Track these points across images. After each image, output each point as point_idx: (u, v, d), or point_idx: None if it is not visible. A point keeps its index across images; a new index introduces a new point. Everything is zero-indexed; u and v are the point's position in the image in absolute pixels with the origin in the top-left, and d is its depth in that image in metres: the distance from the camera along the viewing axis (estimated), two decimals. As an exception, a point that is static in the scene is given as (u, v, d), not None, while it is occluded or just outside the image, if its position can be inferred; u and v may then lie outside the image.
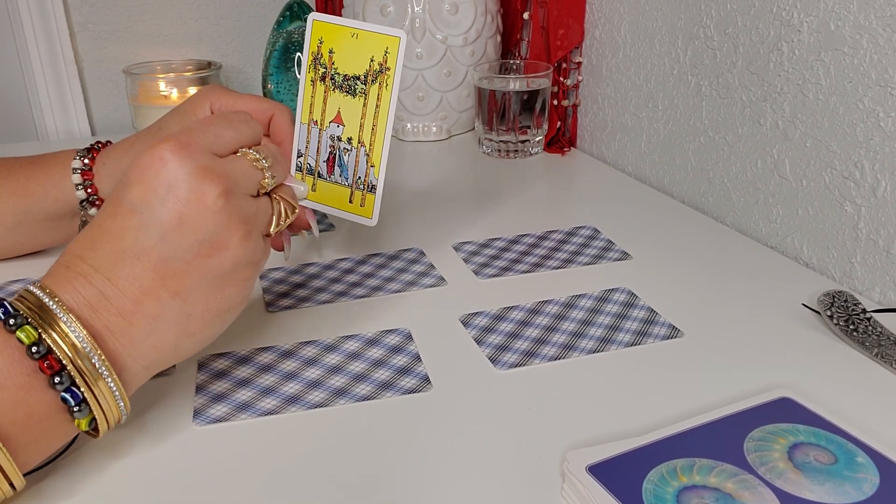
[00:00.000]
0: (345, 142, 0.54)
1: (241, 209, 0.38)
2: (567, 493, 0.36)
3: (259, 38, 1.08)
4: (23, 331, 0.34)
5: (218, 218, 0.37)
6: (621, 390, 0.44)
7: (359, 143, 0.54)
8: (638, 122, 0.79)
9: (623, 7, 0.78)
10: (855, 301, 0.50)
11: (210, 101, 0.55)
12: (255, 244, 0.39)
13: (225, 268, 0.38)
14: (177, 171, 0.37)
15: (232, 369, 0.46)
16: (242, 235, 0.38)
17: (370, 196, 0.54)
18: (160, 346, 0.38)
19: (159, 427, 0.42)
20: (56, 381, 0.34)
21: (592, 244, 0.63)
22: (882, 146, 0.52)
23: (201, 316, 0.38)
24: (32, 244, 0.60)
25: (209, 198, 0.37)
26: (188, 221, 0.37)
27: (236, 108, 0.55)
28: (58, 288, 0.36)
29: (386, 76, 0.52)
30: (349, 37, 0.53)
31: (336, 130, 0.54)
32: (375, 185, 0.54)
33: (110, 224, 0.37)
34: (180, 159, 0.37)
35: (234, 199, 0.38)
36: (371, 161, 0.54)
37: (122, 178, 0.38)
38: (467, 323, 0.51)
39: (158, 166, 0.37)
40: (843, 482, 0.34)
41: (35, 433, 0.34)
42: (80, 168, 0.56)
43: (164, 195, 0.36)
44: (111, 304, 0.36)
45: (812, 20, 0.56)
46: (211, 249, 0.37)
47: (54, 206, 0.56)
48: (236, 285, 0.39)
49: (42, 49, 0.96)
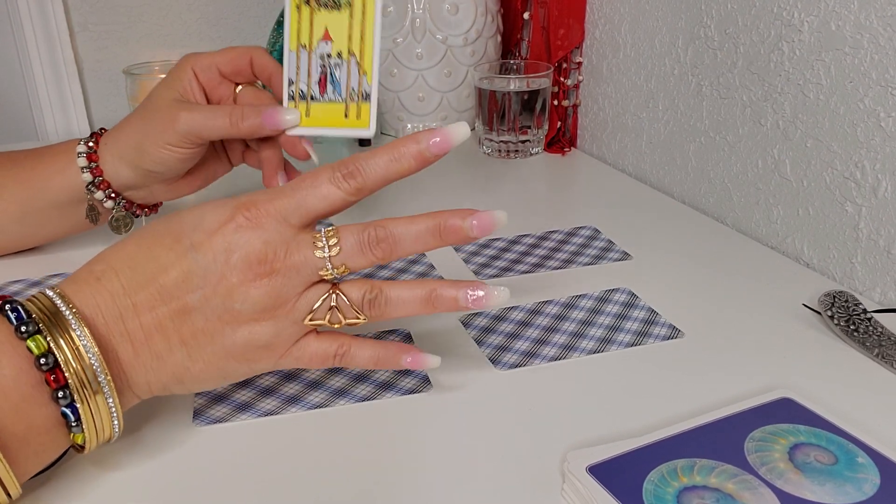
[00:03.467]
0: (335, 57, 0.54)
1: (284, 294, 0.37)
2: (567, 493, 0.36)
3: (259, 39, 1.08)
4: (34, 340, 0.34)
5: (255, 294, 0.37)
6: (621, 391, 0.44)
7: (349, 54, 0.54)
8: (638, 123, 0.79)
9: (623, 7, 0.78)
10: (856, 301, 0.50)
11: (190, 63, 0.56)
12: (278, 331, 0.38)
13: (237, 341, 0.38)
14: (246, 243, 0.37)
15: (232, 370, 0.46)
16: (269, 317, 0.38)
17: (365, 105, 0.55)
18: (153, 383, 0.38)
19: (159, 428, 0.42)
20: (59, 395, 0.34)
21: (593, 244, 0.63)
22: (883, 146, 0.52)
23: (198, 374, 0.38)
24: (38, 236, 0.60)
25: (252, 274, 0.37)
26: (226, 285, 0.37)
27: (215, 63, 0.57)
28: (78, 297, 0.36)
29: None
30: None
31: (325, 48, 0.55)
32: (370, 92, 0.54)
33: (160, 254, 0.37)
34: (254, 233, 0.37)
35: (282, 288, 0.37)
36: (363, 69, 0.54)
37: (194, 215, 0.38)
38: (467, 323, 0.51)
39: (233, 228, 0.37)
40: (843, 482, 0.34)
41: (34, 446, 0.34)
42: (84, 151, 0.56)
43: (219, 254, 0.37)
44: (125, 326, 0.36)
45: (813, 20, 0.56)
46: (232, 319, 0.37)
47: (60, 194, 0.57)
48: (242, 363, 0.39)
49: (42, 49, 0.96)
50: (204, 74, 0.57)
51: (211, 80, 0.57)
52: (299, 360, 0.40)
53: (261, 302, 0.37)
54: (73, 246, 0.63)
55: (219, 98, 0.58)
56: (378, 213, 0.70)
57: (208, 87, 0.58)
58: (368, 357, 0.41)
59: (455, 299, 0.40)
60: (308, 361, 0.40)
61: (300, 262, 0.37)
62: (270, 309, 0.37)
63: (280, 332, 0.38)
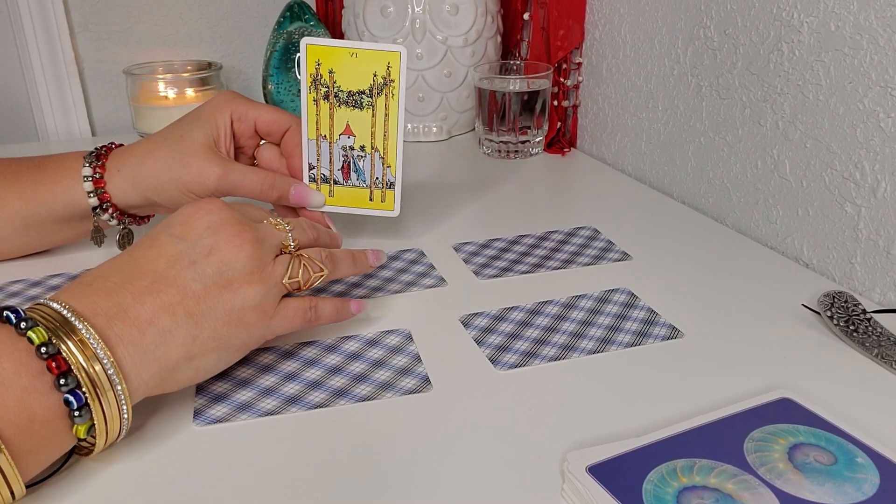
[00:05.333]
0: (358, 150, 0.57)
1: (262, 257, 0.43)
2: (567, 493, 0.36)
3: (259, 39, 1.08)
4: (34, 331, 0.35)
5: (242, 256, 0.42)
6: (621, 391, 0.44)
7: (372, 150, 0.57)
8: (638, 123, 0.79)
9: (623, 8, 0.78)
10: (855, 302, 0.50)
11: (231, 108, 0.57)
12: (264, 292, 0.43)
13: (234, 302, 0.41)
14: (218, 218, 0.42)
15: (232, 370, 0.46)
16: (255, 279, 0.42)
17: (389, 192, 0.59)
18: (163, 361, 0.39)
19: (160, 427, 0.42)
20: (62, 382, 0.34)
21: (592, 245, 0.63)
22: (882, 147, 0.52)
23: (205, 342, 0.40)
24: (41, 244, 0.60)
25: (239, 240, 0.42)
26: (217, 254, 0.41)
27: (256, 118, 0.58)
28: (74, 300, 0.37)
29: (391, 87, 0.56)
30: (348, 56, 0.56)
31: (347, 141, 0.57)
32: (394, 181, 0.58)
33: (145, 252, 0.41)
34: (222, 211, 0.43)
35: (259, 248, 0.43)
36: (387, 162, 0.58)
37: (165, 222, 0.43)
38: (467, 323, 0.51)
39: (203, 213, 0.42)
40: (843, 482, 0.34)
41: (36, 439, 0.34)
42: (90, 176, 0.55)
43: (202, 233, 0.42)
44: (127, 316, 0.38)
45: (812, 21, 0.56)
46: (227, 283, 0.41)
47: (63, 210, 0.56)
48: (239, 326, 0.42)
49: (42, 49, 0.96)
50: (240, 124, 0.58)
51: (245, 131, 0.58)
52: (284, 318, 0.45)
53: (247, 265, 0.42)
54: (73, 246, 0.63)
55: (242, 148, 0.59)
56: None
57: (239, 136, 0.58)
58: (331, 308, 0.48)
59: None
60: (291, 318, 0.45)
61: (269, 232, 0.45)
62: (256, 272, 0.42)
63: (266, 292, 0.43)
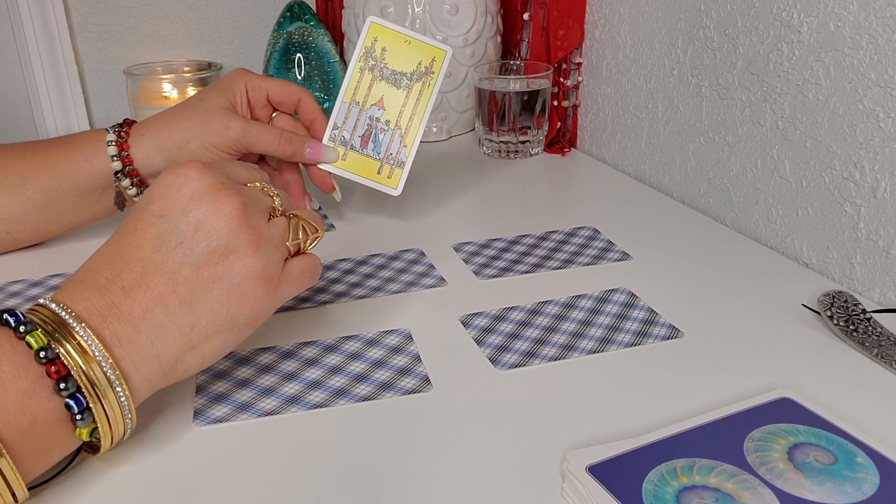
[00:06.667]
0: (383, 123, 0.62)
1: (254, 222, 0.40)
2: (567, 493, 0.36)
3: (259, 39, 1.08)
4: (32, 336, 0.34)
5: (233, 225, 0.39)
6: (621, 391, 0.44)
7: (395, 126, 0.62)
8: (638, 123, 0.79)
9: (623, 8, 0.78)
10: (855, 301, 0.50)
11: (244, 79, 0.60)
12: (266, 258, 0.40)
13: (233, 276, 0.39)
14: (199, 185, 0.39)
15: (232, 370, 0.46)
16: (253, 245, 0.39)
17: (398, 170, 0.62)
18: (163, 355, 0.38)
19: (160, 428, 0.42)
20: (62, 386, 0.34)
21: (592, 245, 0.63)
22: (882, 147, 0.52)
23: (205, 328, 0.39)
24: (60, 224, 0.61)
25: (226, 207, 0.39)
26: (204, 229, 0.38)
27: (267, 88, 0.61)
28: (69, 300, 0.37)
29: (430, 78, 0.62)
30: (402, 41, 0.62)
31: (376, 112, 0.62)
32: (405, 161, 0.62)
33: (129, 238, 0.39)
34: (202, 176, 0.39)
35: (248, 212, 0.40)
36: (405, 142, 0.62)
37: (144, 195, 0.40)
38: (467, 323, 0.51)
39: (182, 181, 0.39)
40: (843, 482, 0.34)
41: (38, 442, 0.34)
42: (114, 141, 0.58)
43: (185, 206, 0.39)
44: (121, 313, 0.37)
45: (812, 21, 0.56)
46: (221, 256, 0.39)
47: (86, 181, 0.58)
48: (243, 301, 0.39)
49: (42, 49, 0.96)
50: (254, 93, 0.61)
51: (258, 100, 0.61)
52: (292, 282, 0.43)
53: (240, 233, 0.39)
54: (73, 246, 0.63)
55: (257, 118, 0.62)
56: (373, 211, 0.70)
57: (254, 105, 0.61)
58: None
59: None
60: (299, 279, 0.43)
61: (256, 196, 0.42)
62: (252, 239, 0.39)
63: (268, 259, 0.40)
